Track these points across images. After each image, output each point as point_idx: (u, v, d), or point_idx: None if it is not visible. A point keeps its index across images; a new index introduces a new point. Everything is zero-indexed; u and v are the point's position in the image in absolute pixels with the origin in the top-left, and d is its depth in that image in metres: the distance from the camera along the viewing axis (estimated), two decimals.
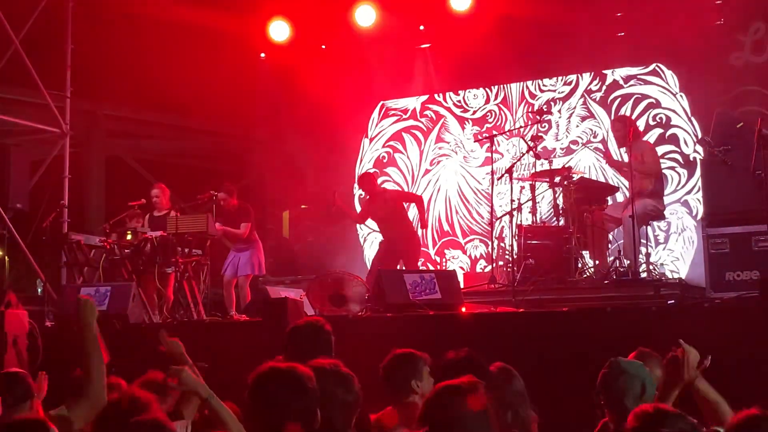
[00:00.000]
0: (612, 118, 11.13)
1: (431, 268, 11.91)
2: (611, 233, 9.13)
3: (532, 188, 9.35)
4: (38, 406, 4.44)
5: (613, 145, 11.17)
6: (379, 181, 12.88)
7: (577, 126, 11.64)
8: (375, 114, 13.13)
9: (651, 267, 8.71)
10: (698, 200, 10.37)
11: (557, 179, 9.00)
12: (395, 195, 11.05)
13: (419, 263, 10.85)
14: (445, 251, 12.37)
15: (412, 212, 11.01)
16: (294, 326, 4.53)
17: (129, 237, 9.34)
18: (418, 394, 4.11)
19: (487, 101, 12.36)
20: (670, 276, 9.80)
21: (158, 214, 9.86)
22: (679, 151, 10.91)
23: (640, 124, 10.64)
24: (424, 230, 10.97)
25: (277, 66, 13.03)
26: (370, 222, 11.05)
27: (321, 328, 4.46)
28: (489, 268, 10.29)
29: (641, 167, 8.72)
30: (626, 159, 8.99)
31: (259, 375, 3.03)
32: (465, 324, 6.76)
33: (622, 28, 10.56)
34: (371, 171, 11.98)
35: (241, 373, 3.17)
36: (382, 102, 13.10)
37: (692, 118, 10.92)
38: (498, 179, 9.58)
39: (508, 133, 11.61)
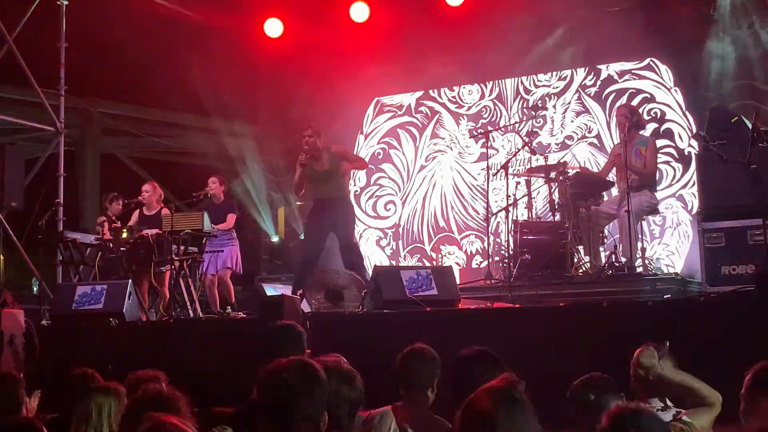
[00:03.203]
0: (607, 113, 11.17)
1: (427, 264, 11.94)
2: (607, 228, 9.14)
3: (528, 184, 9.36)
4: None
5: (608, 139, 11.21)
6: (373, 178, 12.90)
7: (572, 121, 11.64)
8: (370, 110, 13.11)
9: (647, 262, 8.72)
10: (693, 195, 10.38)
11: (552, 174, 9.01)
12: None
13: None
14: (441, 247, 12.37)
15: None
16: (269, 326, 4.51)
17: (125, 235, 9.33)
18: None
19: (482, 97, 12.36)
20: (665, 270, 9.82)
21: (148, 213, 9.85)
22: (674, 145, 10.92)
23: None
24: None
25: (272, 63, 13.00)
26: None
27: (293, 330, 4.42)
28: (485, 263, 10.29)
29: (642, 169, 8.70)
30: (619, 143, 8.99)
31: (274, 371, 2.85)
32: (461, 320, 6.76)
33: (617, 22, 10.55)
34: None
35: (238, 371, 3.15)
36: (377, 98, 13.08)
37: (687, 113, 10.92)
38: (493, 175, 9.60)
39: (503, 129, 11.61)
